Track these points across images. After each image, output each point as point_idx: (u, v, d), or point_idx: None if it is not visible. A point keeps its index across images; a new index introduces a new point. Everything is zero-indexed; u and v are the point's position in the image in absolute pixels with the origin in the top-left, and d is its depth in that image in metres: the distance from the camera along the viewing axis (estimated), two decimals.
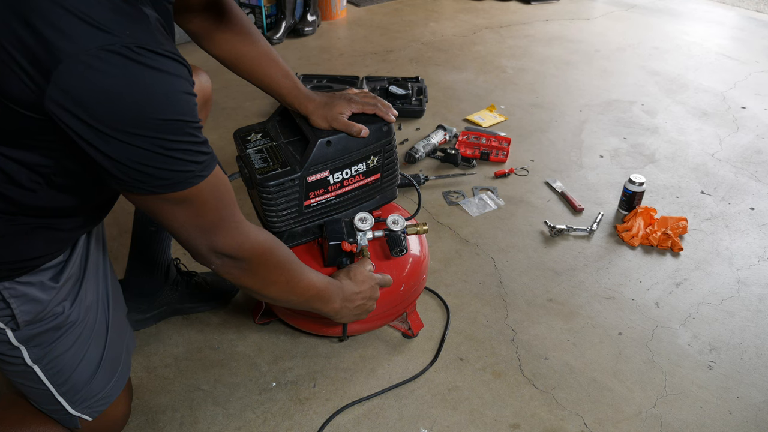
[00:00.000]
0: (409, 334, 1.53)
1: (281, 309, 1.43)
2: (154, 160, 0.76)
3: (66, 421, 1.09)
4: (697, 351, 1.54)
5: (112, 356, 1.12)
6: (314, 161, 1.23)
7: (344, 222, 1.33)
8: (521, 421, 1.36)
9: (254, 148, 1.30)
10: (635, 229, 1.91)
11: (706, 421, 1.37)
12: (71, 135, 0.73)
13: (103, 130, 0.72)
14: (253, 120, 2.56)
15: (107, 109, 0.71)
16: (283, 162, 1.25)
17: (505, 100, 2.76)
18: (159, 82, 0.73)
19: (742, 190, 2.17)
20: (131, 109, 0.72)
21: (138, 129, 0.73)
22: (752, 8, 4.08)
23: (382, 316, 1.39)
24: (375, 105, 1.28)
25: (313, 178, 1.25)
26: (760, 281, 1.77)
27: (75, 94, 0.70)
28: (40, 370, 1.01)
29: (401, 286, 1.37)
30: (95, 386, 1.09)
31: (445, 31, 3.59)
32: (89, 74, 0.69)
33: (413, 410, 1.38)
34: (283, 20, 3.37)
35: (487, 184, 2.17)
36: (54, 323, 0.99)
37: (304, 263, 1.12)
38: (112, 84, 0.70)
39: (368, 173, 1.33)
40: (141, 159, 0.75)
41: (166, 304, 1.55)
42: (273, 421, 1.35)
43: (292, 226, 1.30)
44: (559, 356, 1.52)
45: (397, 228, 1.33)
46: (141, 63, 0.71)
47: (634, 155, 2.37)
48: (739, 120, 2.63)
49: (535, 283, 1.75)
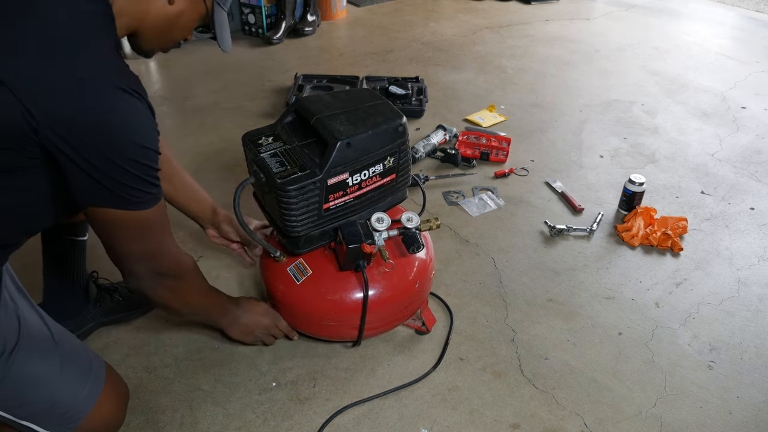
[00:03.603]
0: (424, 330, 1.53)
1: (297, 319, 1.42)
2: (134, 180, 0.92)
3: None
4: (697, 351, 1.54)
5: (75, 368, 1.09)
6: (334, 163, 1.20)
7: (359, 224, 1.31)
8: (521, 421, 1.36)
9: (268, 151, 1.27)
10: (635, 229, 1.91)
11: (706, 421, 1.37)
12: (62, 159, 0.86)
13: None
14: (253, 120, 2.56)
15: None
16: (301, 165, 1.22)
17: (505, 100, 2.76)
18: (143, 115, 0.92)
19: (742, 190, 2.17)
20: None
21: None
22: (752, 8, 4.08)
23: (401, 315, 1.41)
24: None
25: (333, 180, 1.23)
26: (760, 281, 1.76)
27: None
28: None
29: (416, 283, 1.38)
30: (62, 403, 1.05)
31: (445, 31, 3.59)
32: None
33: (413, 410, 1.38)
34: (283, 20, 3.37)
35: (487, 184, 2.17)
36: None
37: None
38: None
39: (384, 174, 1.32)
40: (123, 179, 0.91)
41: (92, 320, 1.54)
42: (273, 421, 1.35)
43: (311, 230, 1.28)
44: (559, 356, 1.52)
45: (411, 225, 1.32)
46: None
47: (634, 155, 2.37)
48: (739, 120, 2.63)
49: (535, 283, 1.74)
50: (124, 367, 1.45)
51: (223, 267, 1.77)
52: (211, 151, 2.34)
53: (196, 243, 1.84)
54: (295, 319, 1.42)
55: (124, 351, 1.51)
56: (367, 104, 1.32)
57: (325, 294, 1.33)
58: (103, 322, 1.56)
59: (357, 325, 1.35)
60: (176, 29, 1.07)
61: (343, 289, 1.33)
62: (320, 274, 1.35)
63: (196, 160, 2.26)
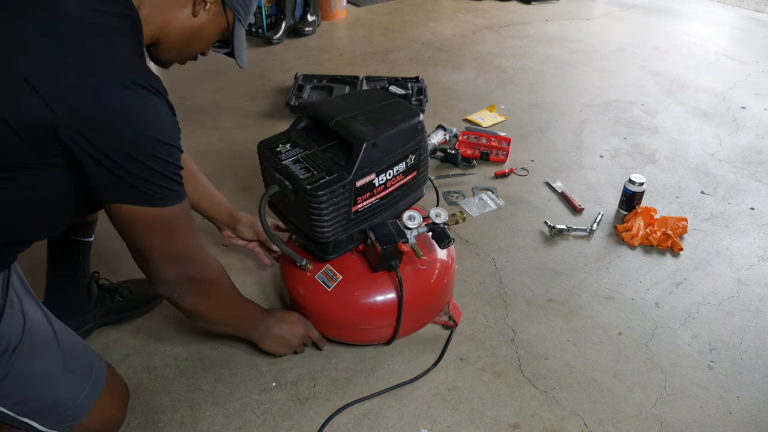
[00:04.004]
0: (451, 324, 1.54)
1: (331, 327, 1.41)
2: (155, 176, 0.92)
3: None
4: (697, 351, 1.54)
5: (76, 367, 1.09)
6: (362, 165, 1.20)
7: (389, 224, 1.31)
8: (521, 421, 1.36)
9: (290, 158, 1.25)
10: (635, 229, 1.91)
11: (706, 421, 1.37)
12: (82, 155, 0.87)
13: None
14: (253, 120, 2.56)
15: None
16: (327, 169, 1.21)
17: (505, 100, 2.76)
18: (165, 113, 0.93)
19: (742, 190, 2.17)
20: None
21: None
22: (752, 8, 4.08)
23: (433, 311, 1.43)
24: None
25: (360, 182, 1.22)
26: (760, 281, 1.76)
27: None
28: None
29: (444, 278, 1.39)
30: (62, 401, 1.06)
31: (445, 31, 3.59)
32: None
33: (413, 410, 1.38)
34: (283, 20, 3.37)
35: (487, 184, 2.17)
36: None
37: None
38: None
39: (407, 172, 1.33)
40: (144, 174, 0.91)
41: (93, 320, 1.54)
42: (273, 421, 1.35)
43: (340, 234, 1.27)
44: (559, 356, 1.52)
45: (440, 221, 1.33)
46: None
47: (634, 155, 2.37)
48: (739, 120, 2.63)
49: (535, 283, 1.74)
50: (124, 367, 1.45)
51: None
52: (211, 150, 2.34)
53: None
54: (329, 327, 1.41)
55: (124, 351, 1.51)
56: (381, 104, 1.32)
57: (359, 298, 1.33)
58: (103, 322, 1.56)
59: (392, 326, 1.36)
60: (196, 42, 1.07)
61: (376, 292, 1.33)
62: (351, 279, 1.34)
63: (196, 160, 2.25)
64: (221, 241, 1.67)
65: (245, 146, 2.36)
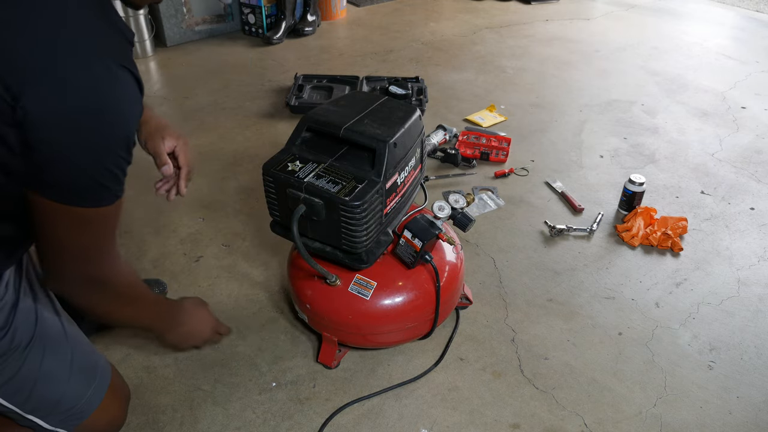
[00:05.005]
0: (467, 303, 1.62)
1: (377, 335, 1.38)
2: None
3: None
4: (697, 351, 1.54)
5: (83, 366, 1.09)
6: (388, 166, 1.19)
7: (419, 219, 1.31)
8: (521, 421, 1.36)
9: (309, 175, 1.18)
10: (635, 229, 1.91)
11: (706, 421, 1.37)
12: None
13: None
14: (253, 120, 2.56)
15: None
16: (354, 177, 1.18)
17: (505, 100, 2.76)
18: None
19: (742, 190, 2.17)
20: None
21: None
22: (752, 8, 4.08)
23: (459, 293, 1.48)
24: None
25: (389, 183, 1.22)
26: (760, 281, 1.76)
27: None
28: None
29: (460, 261, 1.45)
30: (68, 400, 1.06)
31: (445, 31, 3.59)
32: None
33: (413, 410, 1.38)
34: (283, 20, 3.37)
35: (487, 184, 2.17)
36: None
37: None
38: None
39: (415, 166, 1.35)
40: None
41: (92, 320, 1.48)
42: (273, 421, 1.35)
43: (373, 240, 1.24)
44: (559, 356, 1.52)
45: (459, 206, 1.36)
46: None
47: (634, 155, 2.37)
48: (739, 120, 2.63)
49: (535, 283, 1.74)
50: (124, 367, 1.45)
51: (223, 267, 1.77)
52: (211, 150, 2.34)
53: (194, 245, 1.84)
54: (377, 337, 1.38)
55: (124, 351, 1.51)
56: (376, 104, 1.32)
57: (401, 298, 1.33)
58: (100, 326, 1.55)
59: (431, 318, 1.38)
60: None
61: (414, 288, 1.34)
62: (386, 282, 1.32)
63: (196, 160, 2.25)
64: (221, 242, 1.66)
65: (245, 146, 2.36)
